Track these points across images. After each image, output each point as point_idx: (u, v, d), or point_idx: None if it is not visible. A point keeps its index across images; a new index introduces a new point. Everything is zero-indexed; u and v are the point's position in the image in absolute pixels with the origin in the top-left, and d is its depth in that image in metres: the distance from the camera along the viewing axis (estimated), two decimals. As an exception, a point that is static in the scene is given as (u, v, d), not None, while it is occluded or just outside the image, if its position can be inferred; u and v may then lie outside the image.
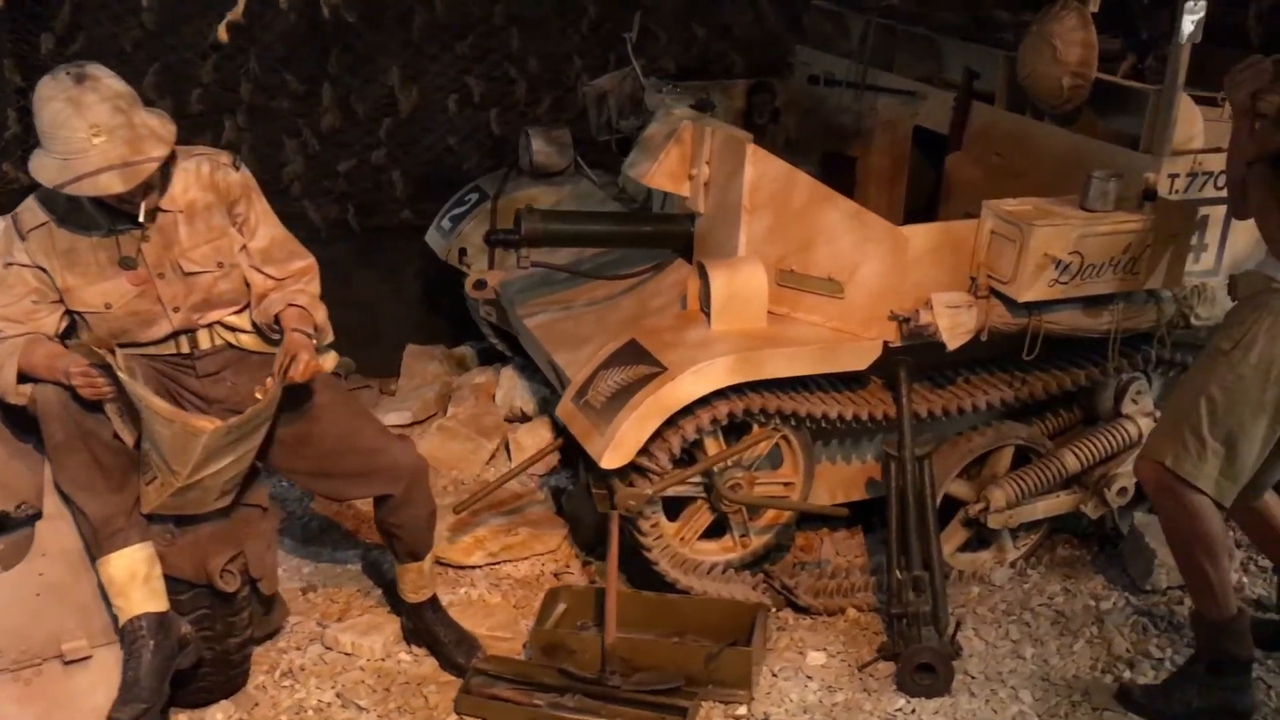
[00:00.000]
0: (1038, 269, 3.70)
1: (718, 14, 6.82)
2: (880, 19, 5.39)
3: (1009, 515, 4.36)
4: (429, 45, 6.36)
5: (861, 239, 3.86)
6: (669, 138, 4.23)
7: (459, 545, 4.44)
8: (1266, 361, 3.39)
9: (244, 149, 6.14)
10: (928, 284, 3.89)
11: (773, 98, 5.91)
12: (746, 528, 4.20)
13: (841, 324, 3.96)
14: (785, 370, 3.85)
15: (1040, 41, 4.27)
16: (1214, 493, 3.47)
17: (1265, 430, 3.45)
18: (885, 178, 5.36)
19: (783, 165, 3.92)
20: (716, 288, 3.87)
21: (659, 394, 3.70)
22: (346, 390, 3.64)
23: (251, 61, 6.07)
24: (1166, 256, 3.86)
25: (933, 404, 4.14)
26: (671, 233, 4.40)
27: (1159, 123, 3.97)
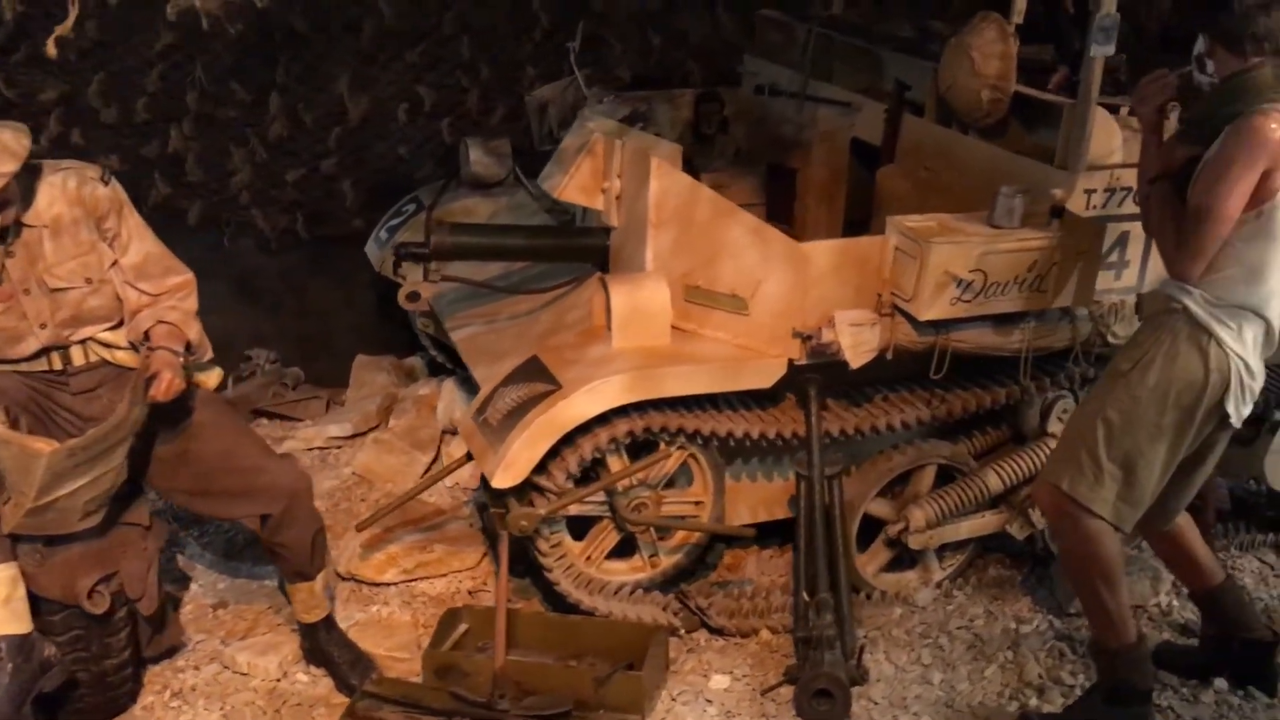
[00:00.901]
0: (938, 287, 3.62)
1: (674, 23, 6.77)
2: (821, 29, 5.31)
3: (930, 535, 4.28)
4: (379, 54, 6.34)
5: (764, 255, 3.79)
6: (581, 150, 4.17)
7: (371, 562, 4.39)
8: (1164, 384, 3.31)
9: (191, 157, 6.16)
10: (833, 301, 3.82)
11: (721, 107, 5.83)
12: (656, 548, 4.14)
13: (748, 341, 3.89)
14: (684, 389, 3.79)
15: (959, 54, 4.19)
16: (1112, 517, 3.38)
17: (1165, 454, 3.36)
18: (824, 189, 5.29)
19: (687, 180, 3.86)
20: (617, 304, 3.81)
21: (551, 413, 3.64)
22: (228, 408, 3.60)
23: (198, 70, 6.05)
24: (1075, 274, 3.78)
25: (846, 422, 4.06)
26: (587, 246, 4.34)
27: (1073, 137, 3.89)
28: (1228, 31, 3.23)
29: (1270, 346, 3.37)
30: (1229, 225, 3.17)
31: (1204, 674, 3.87)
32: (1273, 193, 3.17)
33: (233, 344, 6.45)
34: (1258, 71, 3.21)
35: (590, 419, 3.76)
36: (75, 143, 5.96)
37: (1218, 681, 3.84)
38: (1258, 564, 4.75)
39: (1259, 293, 3.26)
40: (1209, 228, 3.17)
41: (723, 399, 4.04)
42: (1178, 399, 3.30)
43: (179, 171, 6.16)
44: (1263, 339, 3.33)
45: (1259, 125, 3.11)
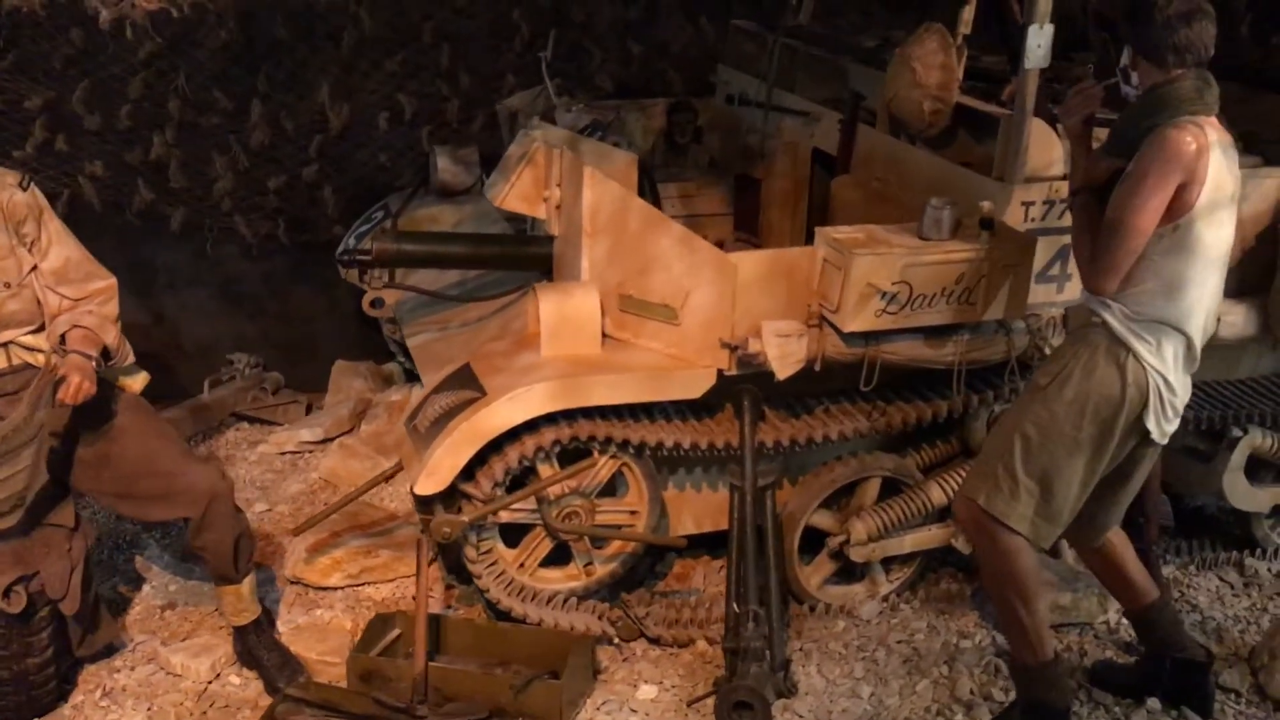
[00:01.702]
0: (862, 298, 3.60)
1: (655, 32, 6.77)
2: (786, 39, 5.30)
3: (872, 549, 4.25)
4: (360, 63, 6.39)
5: (692, 265, 3.79)
6: (523, 159, 4.19)
7: (316, 566, 4.43)
8: (1081, 398, 3.27)
9: (173, 164, 6.23)
10: (762, 311, 3.81)
11: (694, 117, 5.84)
12: (591, 556, 4.14)
13: (679, 351, 3.89)
14: (611, 398, 3.79)
15: (901, 65, 4.17)
16: (1029, 533, 3.35)
17: (1083, 470, 3.33)
18: (788, 199, 5.27)
19: (619, 189, 3.87)
20: (545, 313, 3.82)
21: (473, 420, 3.66)
22: (151, 412, 3.64)
23: (181, 78, 6.13)
24: (1006, 287, 3.74)
25: (782, 433, 4.05)
26: (531, 255, 4.36)
27: (1010, 149, 3.85)
28: (1149, 43, 3.20)
29: (1193, 363, 3.33)
30: (1142, 239, 3.13)
31: (1138, 693, 3.81)
32: (1188, 206, 3.12)
33: (216, 348, 6.56)
34: (1179, 83, 3.17)
35: (519, 427, 3.77)
36: (60, 149, 6.07)
37: (1150, 701, 3.78)
38: (1217, 583, 4.67)
39: (1178, 307, 3.21)
40: (1122, 242, 3.14)
41: (659, 408, 4.04)
42: (1095, 413, 3.26)
43: (162, 178, 6.24)
44: (1184, 355, 3.28)
45: (1173, 138, 3.08)
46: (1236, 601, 4.56)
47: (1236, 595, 4.60)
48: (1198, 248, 3.16)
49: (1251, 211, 4.20)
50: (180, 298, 6.57)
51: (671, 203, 5.61)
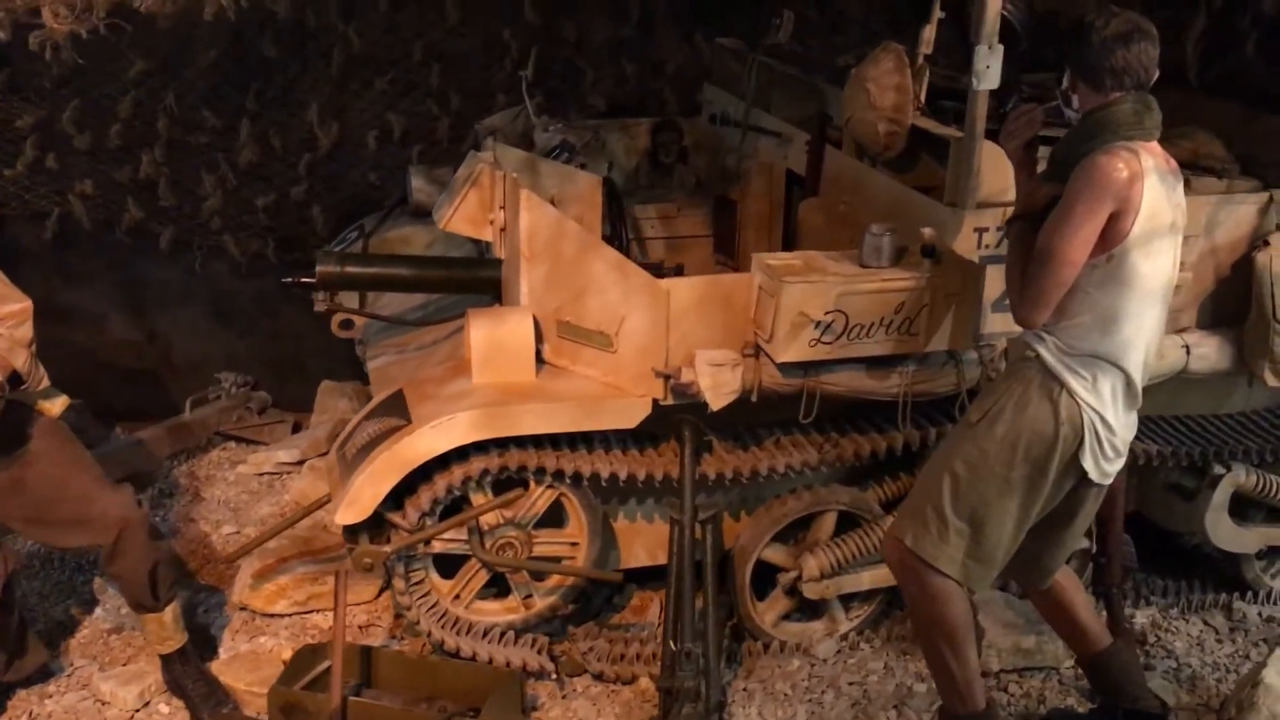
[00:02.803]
0: (794, 328, 3.46)
1: (649, 51, 6.67)
2: (764, 59, 5.18)
3: (826, 585, 4.11)
4: (350, 81, 6.36)
5: (625, 291, 3.68)
6: (468, 181, 4.11)
7: (261, 592, 4.37)
8: (1013, 435, 3.11)
9: (163, 183, 6.25)
10: (699, 340, 3.69)
11: (679, 137, 5.75)
12: (531, 589, 4.04)
13: (615, 379, 3.78)
14: (539, 427, 3.69)
15: (857, 86, 4.03)
16: (959, 576, 3.19)
17: (1016, 510, 3.16)
18: (763, 222, 5.14)
19: (554, 213, 3.77)
20: (476, 339, 3.74)
21: (395, 449, 3.58)
22: (67, 437, 3.61)
23: (170, 98, 6.15)
24: (950, 316, 3.58)
25: (727, 465, 3.92)
26: (479, 279, 4.28)
27: (961, 173, 3.70)
28: (1086, 65, 3.04)
29: (1134, 400, 3.15)
30: (1072, 271, 2.97)
31: (1091, 746, 3.63)
32: (1122, 236, 2.96)
33: (206, 366, 6.56)
34: (1117, 107, 3.01)
35: (449, 456, 3.69)
36: (50, 167, 6.11)
37: (1103, 754, 3.59)
38: (1200, 627, 4.45)
39: (1113, 341, 3.04)
40: (1051, 272, 2.98)
41: (599, 437, 3.93)
42: (1027, 451, 3.10)
43: (151, 197, 6.26)
44: (1123, 391, 3.11)
45: (1103, 165, 2.92)
46: (1218, 648, 4.34)
47: (1220, 641, 4.38)
48: (1133, 279, 2.99)
49: (1226, 239, 4.00)
50: (171, 315, 6.59)
51: (652, 224, 5.52)
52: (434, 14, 6.34)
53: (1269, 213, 3.97)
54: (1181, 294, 4.01)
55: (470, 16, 6.37)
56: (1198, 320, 4.07)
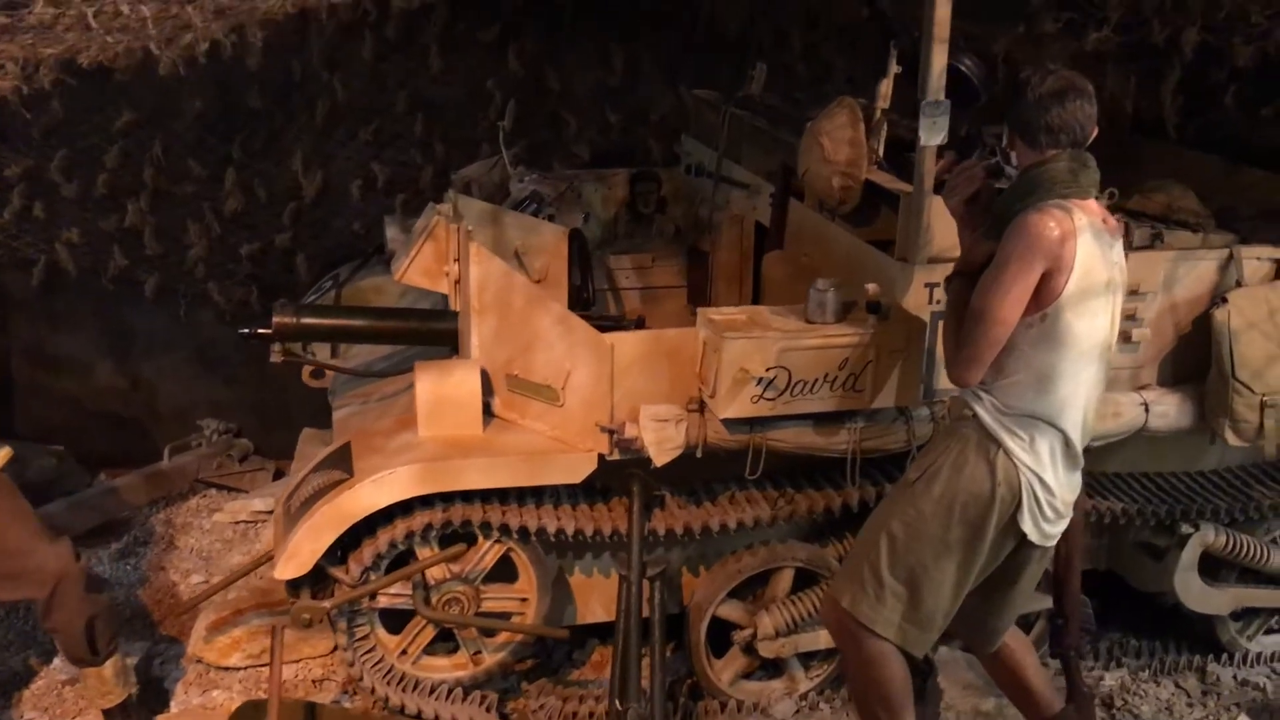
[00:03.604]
0: (736, 383, 3.43)
1: (634, 100, 6.70)
2: (736, 110, 5.18)
3: (782, 644, 4.04)
4: (334, 131, 6.43)
5: (570, 345, 3.66)
6: (424, 234, 4.12)
7: (216, 645, 4.34)
8: (949, 496, 3.05)
9: (148, 231, 6.31)
10: (645, 394, 3.66)
11: (657, 187, 5.76)
12: (480, 644, 3.99)
13: (562, 433, 3.75)
14: (483, 482, 3.66)
15: (812, 140, 4.02)
16: (896, 639, 3.12)
17: (955, 573, 3.09)
18: (734, 273, 5.13)
19: (502, 266, 3.76)
20: (423, 392, 3.72)
21: (335, 504, 3.55)
22: (7, 488, 3.60)
23: (157, 147, 6.23)
24: (896, 373, 3.53)
25: (678, 520, 3.87)
26: (436, 330, 4.26)
27: (911, 228, 3.66)
28: (1022, 122, 3.02)
29: (1074, 461, 3.09)
30: (1005, 329, 2.93)
31: (1043, 814, 3.52)
32: (1055, 295, 2.91)
33: (191, 412, 6.59)
34: (1053, 164, 2.98)
35: (394, 510, 3.66)
36: (37, 216, 6.18)
37: (1054, 824, 3.49)
38: (1172, 690, 4.35)
39: (1050, 401, 2.99)
40: (984, 331, 2.93)
41: (549, 492, 3.90)
42: (963, 513, 3.04)
43: (137, 245, 6.32)
44: (1062, 452, 3.04)
45: (1034, 223, 2.88)
46: (1189, 712, 4.23)
47: (1190, 705, 4.27)
48: (1068, 338, 2.94)
49: (1186, 295, 3.94)
50: (157, 362, 6.63)
51: (627, 275, 5.51)
52: (418, 64, 6.41)
53: (1229, 269, 3.91)
54: (1141, 351, 3.96)
55: (454, 66, 6.43)
56: (1158, 377, 4.01)
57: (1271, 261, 3.93)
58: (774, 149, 5.01)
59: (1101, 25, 4.64)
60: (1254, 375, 3.78)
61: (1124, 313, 3.79)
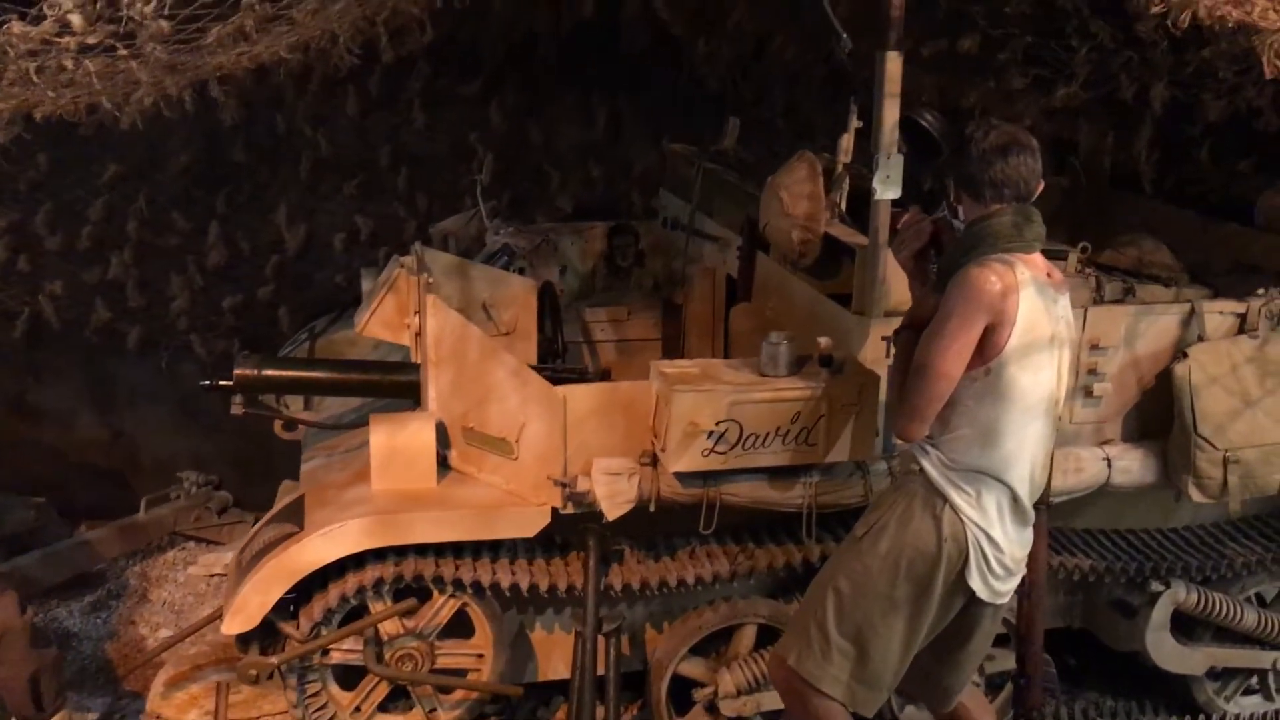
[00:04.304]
0: (686, 437, 3.40)
1: (617, 154, 6.74)
2: (709, 164, 5.20)
3: (744, 702, 3.97)
4: (319, 185, 6.48)
5: (524, 398, 3.64)
6: (385, 286, 4.12)
7: (173, 700, 4.29)
8: (896, 552, 3.01)
9: (131, 284, 6.34)
10: (598, 447, 3.63)
11: (635, 240, 5.77)
12: (436, 702, 3.93)
13: (517, 487, 3.73)
14: (433, 536, 3.63)
15: (772, 194, 4.03)
16: (844, 698, 3.06)
17: (903, 630, 3.04)
18: (706, 326, 5.11)
19: (458, 319, 3.76)
20: (376, 445, 3.70)
21: (283, 557, 3.53)
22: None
23: (141, 201, 6.28)
24: (849, 427, 3.50)
25: (635, 575, 3.83)
26: (398, 383, 4.25)
27: (866, 281, 3.65)
28: (967, 177, 3.01)
29: (1022, 517, 3.05)
30: (948, 383, 2.90)
31: None
32: (999, 349, 2.89)
33: (173, 464, 6.57)
34: (997, 219, 2.97)
35: (346, 563, 3.63)
36: (21, 268, 6.22)
37: None
38: (1145, 754, 4.25)
39: (995, 456, 2.95)
40: (927, 385, 2.91)
41: (505, 546, 3.86)
42: (910, 569, 2.99)
43: (120, 297, 6.35)
44: (1009, 507, 3.00)
45: (975, 278, 2.87)
46: (1161, 778, 4.14)
47: (1164, 770, 4.18)
48: (1012, 393, 2.91)
49: (1148, 350, 3.90)
50: (139, 414, 6.64)
51: (602, 328, 5.51)
52: (401, 118, 6.47)
53: (1191, 323, 3.87)
54: (1103, 405, 3.92)
55: (437, 121, 6.49)
56: (1122, 433, 3.96)
57: (1234, 316, 3.89)
58: (745, 203, 5.02)
59: (1070, 81, 4.65)
60: (1216, 430, 3.74)
61: (1085, 367, 3.80)
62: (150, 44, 2.68)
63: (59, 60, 2.71)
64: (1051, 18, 4.60)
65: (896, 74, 3.44)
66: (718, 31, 6.15)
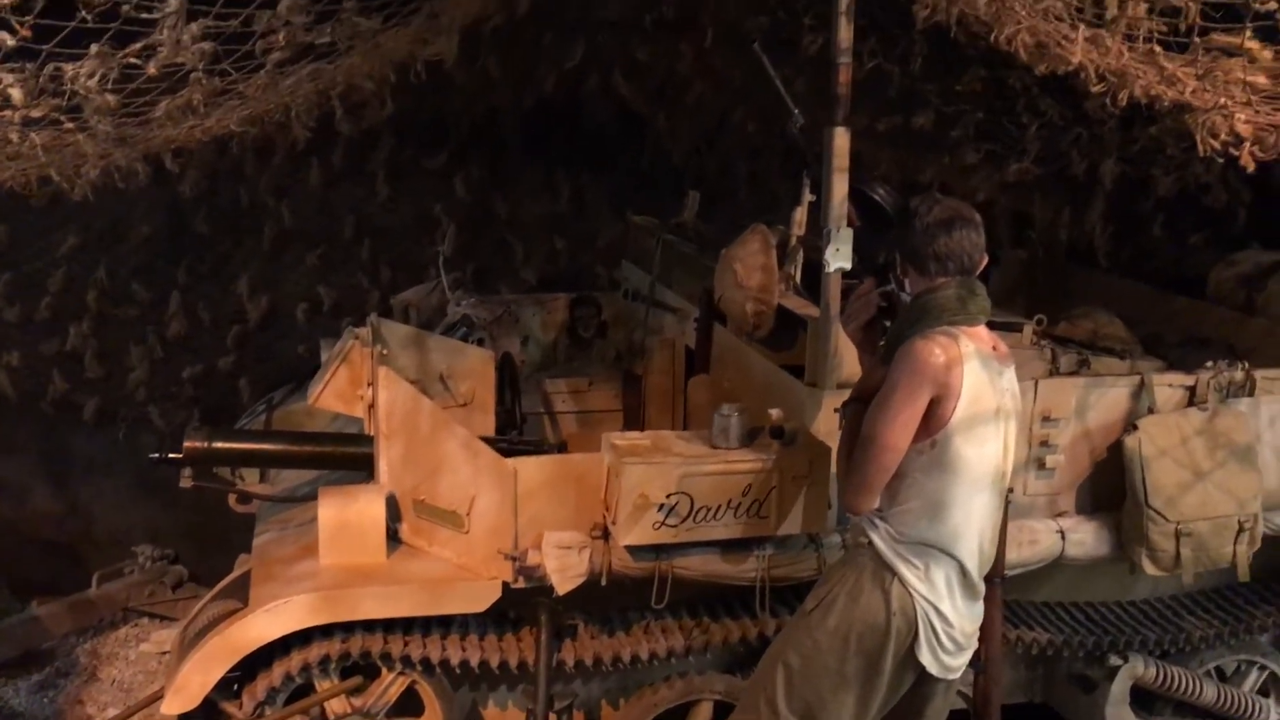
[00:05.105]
0: (637, 509, 3.37)
1: (582, 227, 6.80)
2: (668, 235, 5.24)
3: (698, 783, 3.89)
4: (281, 256, 6.49)
5: (475, 470, 3.61)
6: (339, 357, 4.10)
7: (118, 781, 4.18)
8: (845, 626, 2.97)
9: (89, 354, 6.30)
10: (550, 520, 3.59)
11: (597, 311, 5.77)
12: (384, 782, 3.84)
13: (468, 560, 3.68)
14: (381, 611, 3.57)
15: (726, 266, 4.05)
16: (792, 777, 3.01)
17: (854, 706, 3.00)
18: (666, 397, 5.10)
19: (410, 390, 3.74)
20: (325, 518, 3.65)
21: (226, 634, 3.46)
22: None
23: (101, 271, 6.27)
24: (801, 499, 3.49)
25: (588, 651, 3.77)
26: (350, 455, 4.20)
27: (819, 353, 3.66)
28: (911, 250, 3.03)
29: (972, 591, 3.02)
30: (894, 456, 2.89)
31: None
32: (944, 421, 2.88)
33: (129, 538, 6.47)
34: (941, 292, 2.98)
35: (291, 640, 3.56)
36: (-24, 340, 6.18)
37: None
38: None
39: (943, 529, 2.94)
40: (873, 457, 2.90)
41: (456, 621, 3.80)
42: (859, 644, 2.96)
43: (78, 368, 6.31)
44: (958, 581, 2.98)
45: (919, 350, 2.87)
46: None
47: None
48: (958, 465, 2.90)
49: (1099, 422, 3.91)
50: (95, 487, 6.56)
51: (563, 399, 5.49)
52: (365, 190, 6.51)
53: (1141, 396, 3.89)
54: (1056, 477, 3.92)
55: (401, 193, 6.54)
56: (1076, 505, 3.96)
57: (1183, 388, 3.91)
58: (703, 275, 5.04)
59: (1022, 156, 4.72)
60: (1167, 503, 3.74)
61: (1038, 439, 3.81)
62: (96, 117, 2.68)
63: (4, 133, 2.70)
64: (1002, 95, 4.69)
65: (845, 149, 3.48)
66: (678, 107, 6.24)
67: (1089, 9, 2.88)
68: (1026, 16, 3.19)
